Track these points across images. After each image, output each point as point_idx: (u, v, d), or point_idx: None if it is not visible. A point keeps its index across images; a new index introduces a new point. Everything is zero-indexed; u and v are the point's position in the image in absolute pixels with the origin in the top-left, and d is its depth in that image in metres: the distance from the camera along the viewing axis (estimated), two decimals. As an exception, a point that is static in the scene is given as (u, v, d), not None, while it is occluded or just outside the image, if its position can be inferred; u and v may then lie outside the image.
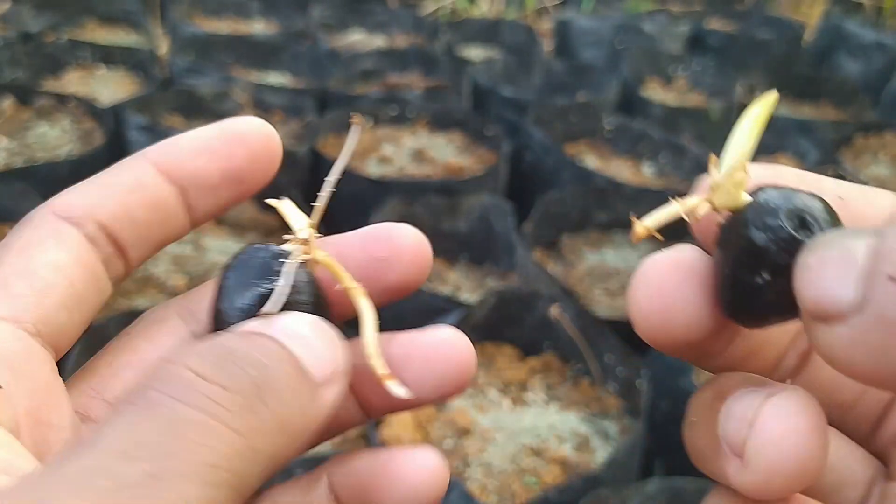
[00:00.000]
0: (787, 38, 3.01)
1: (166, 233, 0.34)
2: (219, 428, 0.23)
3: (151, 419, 0.23)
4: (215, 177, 0.34)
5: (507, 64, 2.53)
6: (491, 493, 1.05)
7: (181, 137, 0.34)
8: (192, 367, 0.25)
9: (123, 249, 0.33)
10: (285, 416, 0.25)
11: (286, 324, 0.28)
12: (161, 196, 0.33)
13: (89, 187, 0.33)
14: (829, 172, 1.38)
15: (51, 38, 2.31)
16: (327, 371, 0.28)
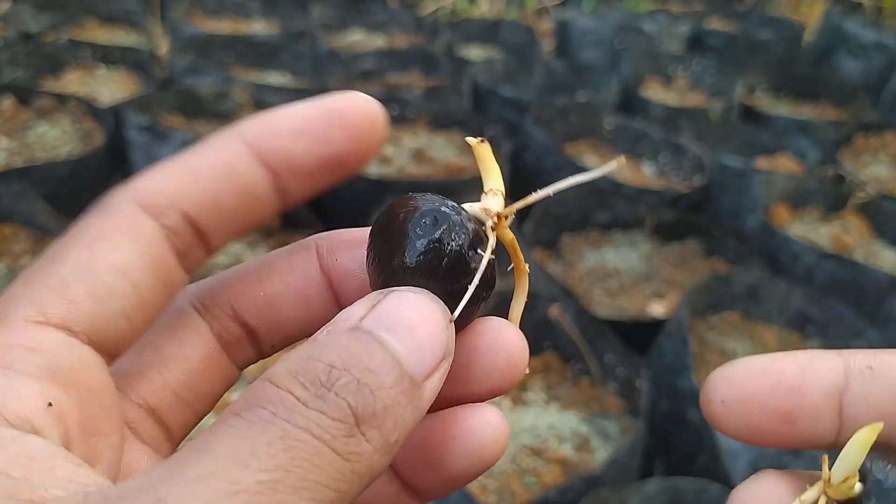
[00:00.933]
0: (787, 38, 3.01)
1: (253, 218, 0.32)
2: (324, 450, 0.24)
3: (263, 432, 0.24)
4: (314, 162, 0.32)
5: (507, 64, 2.53)
6: (491, 493, 1.05)
7: (280, 115, 0.32)
8: (291, 390, 0.25)
9: (206, 237, 0.31)
10: (385, 435, 0.25)
11: (390, 311, 0.27)
12: (252, 182, 0.31)
13: (176, 171, 0.31)
14: (830, 172, 1.39)
15: (51, 38, 2.31)
16: (430, 365, 0.27)
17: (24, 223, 1.46)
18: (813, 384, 0.31)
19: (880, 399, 0.30)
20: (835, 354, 0.32)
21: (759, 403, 0.32)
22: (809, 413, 0.31)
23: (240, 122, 0.32)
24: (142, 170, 0.33)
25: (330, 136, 0.31)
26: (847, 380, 0.31)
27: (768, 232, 1.67)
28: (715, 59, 2.67)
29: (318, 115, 0.32)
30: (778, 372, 0.32)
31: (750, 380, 0.32)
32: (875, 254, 1.73)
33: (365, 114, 0.32)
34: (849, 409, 0.31)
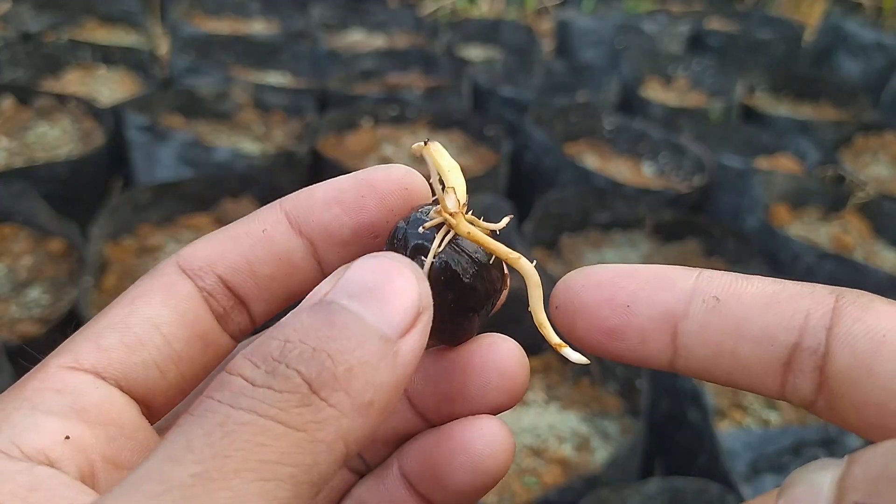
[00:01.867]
0: (787, 38, 3.01)
1: (292, 286, 0.33)
2: (272, 426, 0.23)
3: (201, 425, 0.23)
4: (345, 231, 0.32)
5: (507, 64, 2.53)
6: (491, 493, 1.05)
7: (318, 187, 0.33)
8: (243, 373, 0.25)
9: (245, 302, 0.33)
10: (355, 396, 0.25)
11: (352, 278, 0.27)
12: (288, 249, 0.32)
13: (218, 238, 0.33)
14: (830, 172, 1.39)
15: (51, 38, 2.31)
16: (403, 321, 0.26)
17: (24, 223, 1.46)
18: (645, 305, 0.30)
19: (716, 334, 0.29)
20: (689, 277, 0.30)
21: (586, 315, 0.31)
22: (636, 333, 0.30)
23: (284, 197, 0.34)
24: (142, 170, 0.33)
25: (361, 204, 0.32)
26: (688, 307, 0.30)
27: (768, 232, 1.67)
28: (715, 59, 2.67)
29: (352, 185, 0.33)
30: (613, 287, 0.31)
31: (584, 290, 0.31)
32: (875, 254, 1.73)
33: (400, 183, 0.33)
34: (684, 338, 0.30)
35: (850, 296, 0.28)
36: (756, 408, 1.25)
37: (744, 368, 0.29)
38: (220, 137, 1.92)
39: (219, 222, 1.62)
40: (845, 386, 0.27)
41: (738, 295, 0.29)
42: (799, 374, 0.28)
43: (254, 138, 1.94)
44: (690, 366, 0.30)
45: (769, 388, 0.29)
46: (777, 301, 0.28)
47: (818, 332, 0.27)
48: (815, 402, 0.28)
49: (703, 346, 0.29)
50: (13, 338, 1.19)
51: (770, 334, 0.28)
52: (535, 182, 1.89)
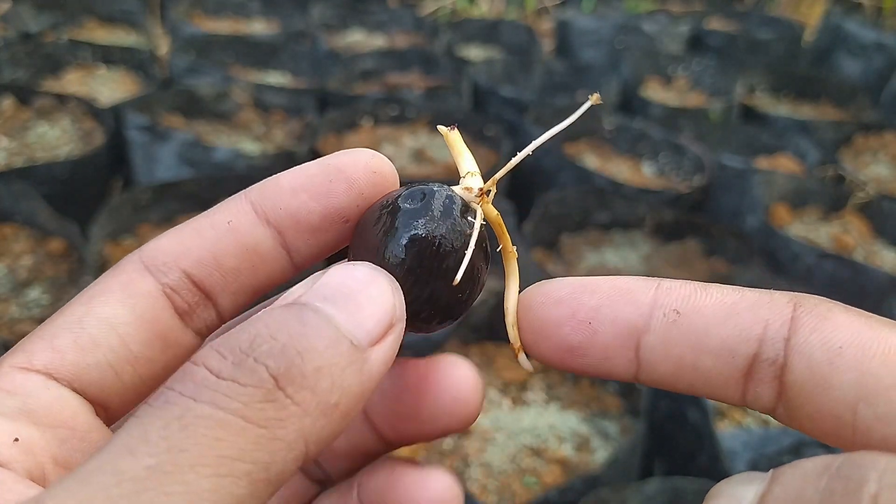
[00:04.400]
0: (787, 38, 3.01)
1: (260, 278, 0.32)
2: (233, 421, 0.23)
3: (160, 416, 0.23)
4: (314, 217, 0.32)
5: (507, 64, 2.53)
6: (491, 493, 1.05)
7: (283, 174, 0.32)
8: (208, 364, 0.24)
9: (211, 296, 0.32)
10: (321, 396, 0.24)
11: (328, 283, 0.26)
12: (255, 240, 0.32)
13: (182, 231, 0.32)
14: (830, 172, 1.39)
15: (51, 38, 2.31)
16: (374, 330, 0.26)
17: (24, 223, 1.46)
18: (606, 322, 0.30)
19: (678, 347, 0.29)
20: (649, 289, 0.30)
21: (548, 333, 0.31)
22: (600, 349, 0.30)
23: (249, 187, 0.33)
24: (142, 170, 0.32)
25: (329, 189, 0.32)
26: (649, 321, 0.29)
27: (768, 232, 1.67)
28: (715, 59, 2.67)
29: (320, 171, 0.32)
30: (573, 303, 0.30)
31: (544, 307, 0.31)
32: (875, 254, 1.73)
33: (367, 166, 0.32)
34: (646, 352, 0.29)
35: (807, 304, 0.27)
36: (756, 408, 1.25)
37: (705, 380, 0.29)
38: (220, 137, 1.92)
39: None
40: (803, 396, 0.27)
41: (697, 308, 0.29)
42: (759, 383, 0.28)
43: (254, 138, 1.94)
44: (654, 378, 0.30)
45: (731, 398, 0.29)
46: (736, 312, 0.28)
47: (776, 343, 0.27)
48: (776, 409, 0.28)
49: (665, 360, 0.29)
50: (13, 338, 1.19)
51: (730, 347, 0.28)
52: (535, 182, 1.89)
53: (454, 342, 1.30)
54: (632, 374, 0.30)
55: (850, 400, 0.25)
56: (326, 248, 0.33)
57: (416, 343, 1.25)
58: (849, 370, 0.26)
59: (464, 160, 0.33)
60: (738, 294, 0.29)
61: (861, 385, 0.25)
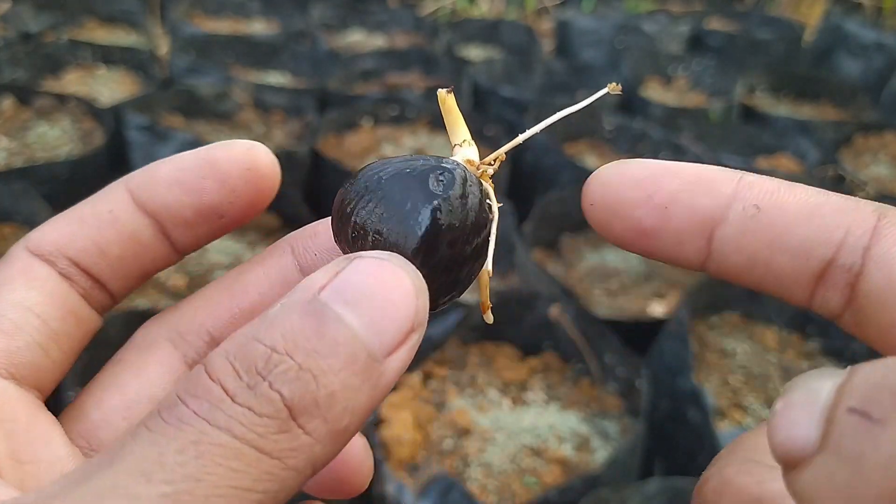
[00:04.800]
0: (787, 38, 3.01)
1: (145, 264, 0.33)
2: (248, 451, 0.22)
3: (175, 438, 0.22)
4: (188, 212, 0.32)
5: (507, 64, 2.53)
6: (491, 493, 1.05)
7: (161, 164, 0.32)
8: (224, 383, 0.23)
9: (101, 283, 0.32)
10: (332, 423, 0.24)
11: (352, 280, 0.25)
12: (135, 229, 0.32)
13: (64, 220, 0.32)
14: (830, 172, 1.39)
15: (51, 38, 2.31)
16: (394, 339, 0.25)
17: (24, 223, 1.46)
18: (683, 208, 0.29)
19: (753, 243, 0.28)
20: (731, 180, 0.29)
21: (623, 214, 0.30)
22: (672, 235, 0.30)
23: (131, 173, 0.33)
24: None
25: (201, 186, 0.31)
26: (727, 212, 0.29)
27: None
28: (715, 59, 2.67)
29: (193, 165, 0.31)
30: (652, 186, 0.29)
31: (621, 187, 0.30)
32: (875, 254, 1.73)
33: (243, 161, 0.31)
34: (719, 243, 0.29)
35: (892, 216, 0.27)
36: (756, 408, 1.25)
37: (776, 278, 0.29)
38: (220, 137, 1.92)
39: (219, 222, 1.62)
40: (874, 307, 0.26)
41: (779, 205, 0.28)
42: (830, 288, 0.28)
43: (254, 138, 1.94)
44: (722, 270, 0.30)
45: (797, 297, 0.29)
46: (819, 215, 0.28)
47: (855, 251, 0.27)
48: (842, 315, 0.28)
49: (739, 254, 0.29)
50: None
51: (807, 248, 0.28)
52: (535, 182, 1.89)
53: (454, 342, 1.30)
54: (700, 263, 0.30)
55: None
56: (205, 239, 0.33)
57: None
58: None
59: (459, 128, 0.32)
60: (823, 196, 0.29)
61: None
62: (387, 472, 1.03)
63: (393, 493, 1.01)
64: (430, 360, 1.26)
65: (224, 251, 1.54)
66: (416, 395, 1.19)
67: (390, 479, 1.02)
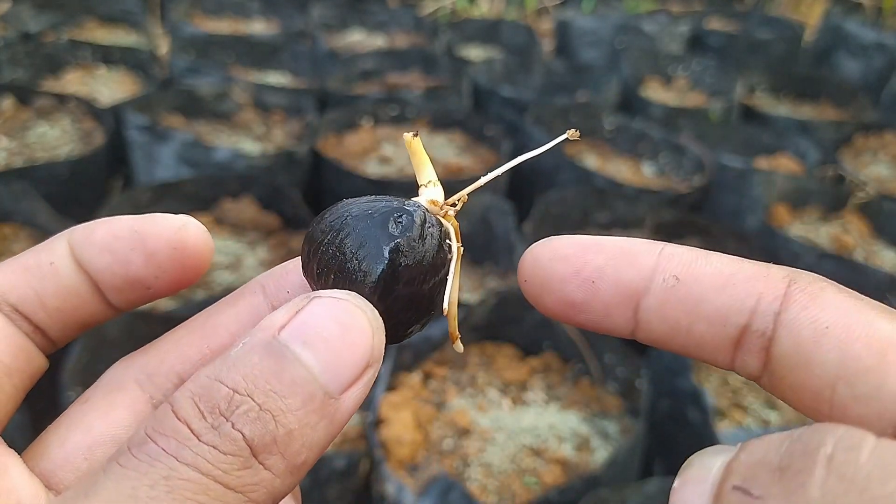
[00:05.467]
0: (787, 38, 3.01)
1: (84, 317, 0.33)
2: (213, 486, 0.24)
3: (147, 473, 0.24)
4: (117, 280, 0.32)
5: (507, 64, 2.53)
6: (491, 493, 1.05)
7: (99, 225, 0.33)
8: (189, 423, 0.25)
9: (41, 330, 0.33)
10: (290, 459, 0.25)
11: (310, 321, 0.27)
12: (73, 284, 0.32)
13: (9, 268, 0.32)
14: (830, 172, 1.39)
15: (51, 38, 2.31)
16: (349, 376, 0.27)
17: (24, 223, 1.46)
18: (610, 282, 0.31)
19: (674, 311, 0.30)
20: (653, 253, 0.31)
21: (553, 288, 0.31)
22: (601, 307, 0.31)
23: (75, 227, 0.33)
24: (142, 170, 0.33)
25: (129, 259, 0.32)
26: (650, 284, 0.30)
27: (768, 232, 1.67)
28: (715, 59, 2.67)
29: (126, 235, 0.32)
30: (579, 261, 0.31)
31: (551, 264, 0.31)
32: (875, 254, 1.73)
33: (168, 241, 0.32)
34: (644, 313, 0.30)
35: (802, 281, 0.28)
36: (756, 408, 1.25)
37: (698, 344, 0.30)
38: (220, 137, 1.92)
39: (219, 222, 1.62)
40: (786, 369, 0.28)
41: (696, 276, 0.30)
42: (747, 352, 0.29)
43: (254, 138, 1.94)
44: (650, 338, 0.31)
45: (720, 362, 0.30)
46: (732, 284, 0.29)
47: (767, 317, 0.28)
48: (761, 377, 0.29)
49: (662, 322, 0.30)
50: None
51: (723, 315, 0.29)
52: (535, 182, 1.89)
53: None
54: (629, 332, 0.31)
55: (830, 378, 0.26)
56: (137, 303, 0.33)
57: (414, 342, 1.25)
58: (832, 350, 0.26)
59: (425, 169, 0.33)
60: (737, 265, 0.30)
61: (842, 365, 0.26)
62: (387, 472, 1.03)
63: (393, 493, 1.01)
64: (430, 361, 1.26)
65: (224, 251, 1.54)
66: (416, 395, 1.19)
67: (390, 479, 1.02)
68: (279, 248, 1.58)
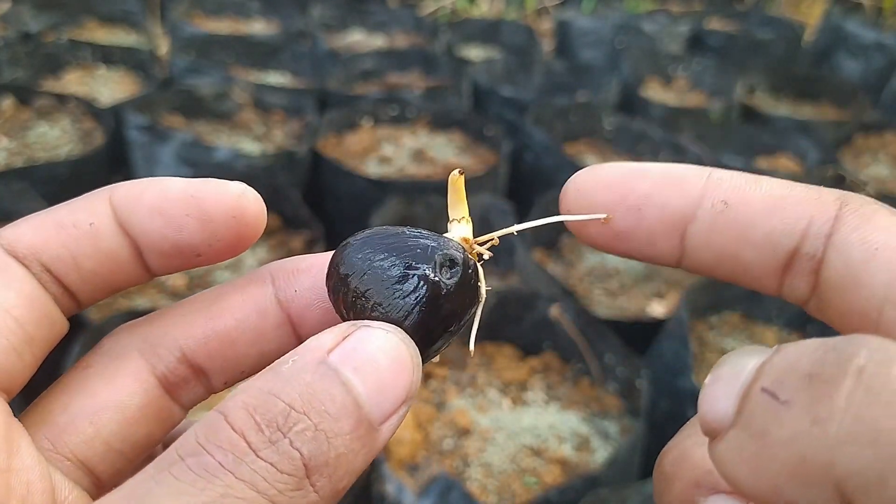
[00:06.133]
0: (787, 38, 3.01)
1: (117, 281, 0.32)
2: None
3: (204, 490, 0.23)
4: (166, 244, 0.31)
5: (507, 64, 2.53)
6: (491, 493, 1.05)
7: (149, 186, 0.31)
8: (246, 436, 0.24)
9: (71, 292, 0.32)
10: (335, 483, 0.25)
11: (360, 349, 0.27)
12: (112, 247, 0.31)
13: (41, 222, 0.31)
14: (830, 172, 1.39)
15: (51, 38, 2.31)
16: (390, 409, 0.27)
17: (24, 223, 1.46)
18: (655, 208, 0.30)
19: (722, 237, 0.29)
20: (700, 178, 0.30)
21: (601, 222, 0.31)
22: (646, 235, 0.30)
23: (117, 184, 0.32)
24: (142, 170, 0.32)
25: (183, 224, 0.31)
26: (696, 210, 0.30)
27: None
28: (715, 59, 2.67)
29: (180, 198, 0.31)
30: (623, 188, 0.30)
31: (595, 191, 0.31)
32: (875, 254, 1.73)
33: (228, 208, 0.31)
34: (691, 239, 0.30)
35: (854, 203, 0.28)
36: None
37: (745, 270, 0.30)
38: (220, 137, 1.92)
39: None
40: (835, 292, 0.27)
41: (745, 200, 0.29)
42: (796, 276, 0.29)
43: (254, 138, 1.94)
44: (695, 265, 0.31)
45: (767, 287, 0.30)
46: (782, 207, 0.29)
47: (817, 239, 0.28)
48: (808, 302, 0.29)
49: (709, 249, 0.30)
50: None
51: (773, 240, 0.29)
52: (535, 182, 1.89)
53: (454, 342, 1.29)
54: (675, 260, 0.31)
55: (877, 300, 0.26)
56: (179, 269, 0.32)
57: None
58: (881, 271, 0.26)
59: (460, 206, 0.33)
60: (788, 188, 0.29)
61: (890, 286, 0.26)
62: (387, 472, 1.03)
63: (393, 493, 1.01)
64: (430, 361, 1.26)
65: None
66: (416, 394, 1.19)
67: (390, 479, 1.02)
68: (279, 248, 1.58)
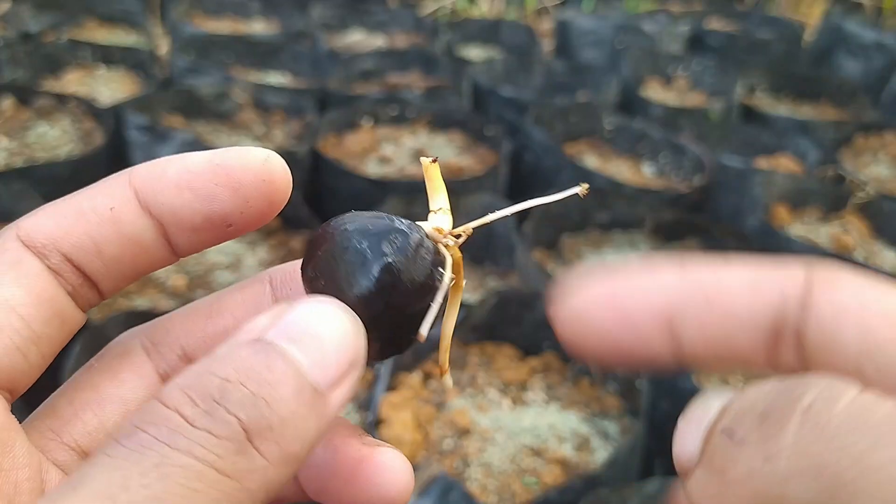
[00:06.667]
0: (787, 38, 3.01)
1: (141, 266, 0.32)
2: (208, 472, 0.23)
3: (138, 462, 0.23)
4: (197, 218, 0.31)
5: (507, 64, 2.53)
6: (491, 493, 1.05)
7: (169, 163, 0.31)
8: (179, 409, 0.24)
9: (92, 281, 0.31)
10: (284, 447, 0.25)
11: (295, 321, 0.27)
12: (135, 231, 0.31)
13: (60, 211, 0.31)
14: (830, 172, 1.40)
15: (51, 38, 2.31)
16: (335, 374, 0.26)
17: (24, 223, 1.46)
18: (642, 312, 0.30)
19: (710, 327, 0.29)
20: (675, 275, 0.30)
21: (596, 338, 0.30)
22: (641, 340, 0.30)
23: (134, 167, 0.32)
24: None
25: (213, 193, 0.30)
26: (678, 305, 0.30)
27: (768, 232, 1.67)
28: (715, 59, 2.67)
29: (206, 170, 0.30)
30: (612, 303, 0.30)
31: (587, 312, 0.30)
32: (875, 254, 1.73)
33: (256, 173, 0.31)
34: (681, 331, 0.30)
35: (819, 270, 0.29)
36: (756, 408, 1.25)
37: (739, 353, 0.30)
38: (220, 137, 1.92)
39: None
40: (819, 356, 0.28)
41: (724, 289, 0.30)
42: (784, 349, 0.29)
43: (254, 138, 1.94)
44: (691, 359, 0.31)
45: (762, 365, 0.31)
46: (756, 287, 0.29)
47: (794, 310, 0.29)
48: (802, 371, 0.30)
49: (700, 340, 0.30)
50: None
51: (755, 320, 0.29)
52: (535, 182, 1.89)
53: (454, 342, 1.30)
54: (671, 355, 0.31)
55: (853, 356, 0.27)
56: (207, 244, 0.32)
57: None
58: (851, 327, 0.27)
59: (438, 195, 0.33)
60: (755, 268, 0.30)
61: (862, 341, 0.26)
62: (387, 472, 1.03)
63: (393, 493, 1.01)
64: (430, 360, 1.26)
65: (224, 251, 1.54)
66: (416, 395, 1.19)
67: (390, 479, 1.02)
68: (279, 248, 1.58)
